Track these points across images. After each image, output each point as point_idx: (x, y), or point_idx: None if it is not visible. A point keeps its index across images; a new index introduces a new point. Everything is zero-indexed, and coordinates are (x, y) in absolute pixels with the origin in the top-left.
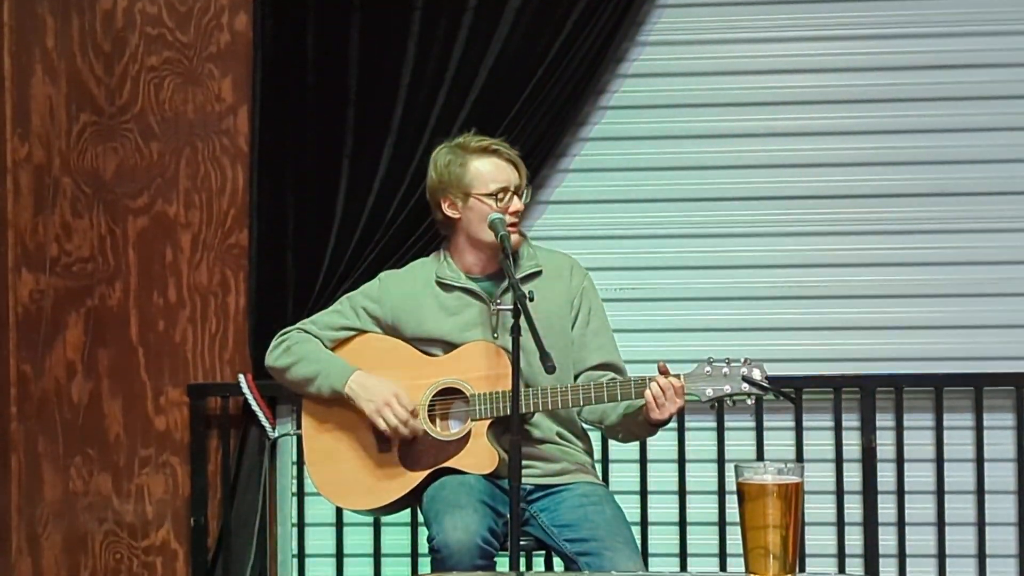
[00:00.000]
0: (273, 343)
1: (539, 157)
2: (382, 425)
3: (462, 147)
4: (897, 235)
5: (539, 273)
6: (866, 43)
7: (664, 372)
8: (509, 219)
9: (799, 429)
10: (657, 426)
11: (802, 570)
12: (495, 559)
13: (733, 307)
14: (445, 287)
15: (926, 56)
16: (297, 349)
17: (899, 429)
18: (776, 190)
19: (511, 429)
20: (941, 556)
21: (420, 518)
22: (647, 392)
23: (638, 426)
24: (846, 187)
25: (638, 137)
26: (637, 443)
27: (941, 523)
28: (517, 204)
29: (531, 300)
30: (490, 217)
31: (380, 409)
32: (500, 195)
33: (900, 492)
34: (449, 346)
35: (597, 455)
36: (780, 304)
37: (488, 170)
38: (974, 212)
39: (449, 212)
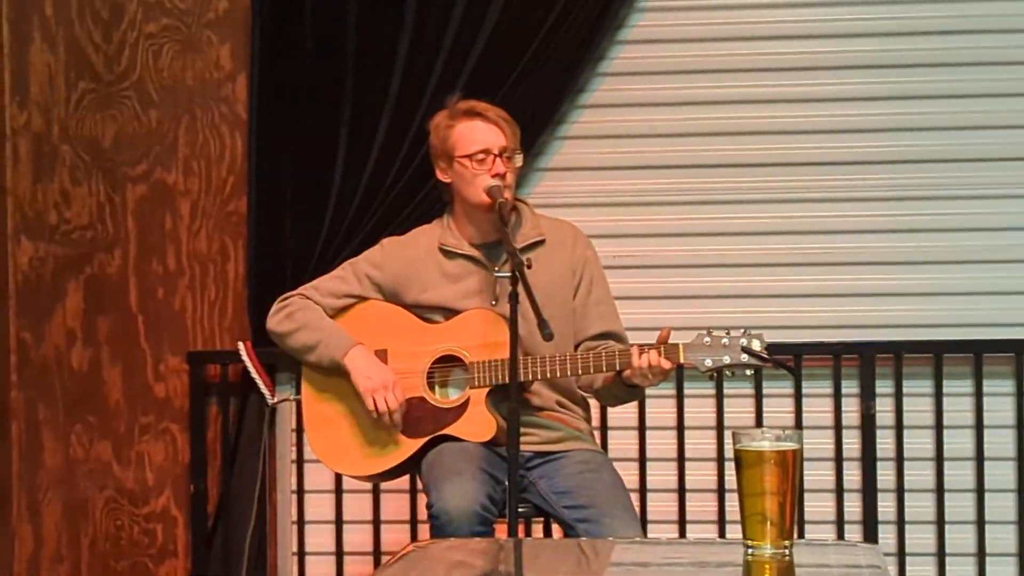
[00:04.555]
0: (275, 307)
1: (537, 124)
2: (370, 405)
3: (451, 112)
4: (897, 201)
5: (542, 242)
6: (868, 8)
7: (665, 339)
8: (492, 181)
9: (798, 396)
10: (636, 389)
11: (801, 536)
12: (494, 526)
13: (732, 274)
14: (447, 254)
15: (927, 22)
16: (299, 316)
17: (898, 396)
18: (775, 156)
19: (510, 397)
20: (940, 522)
21: (419, 485)
22: (635, 359)
23: (619, 388)
24: (847, 153)
25: (636, 104)
26: (636, 410)
27: (940, 489)
28: (499, 166)
29: (529, 268)
30: (488, 184)
31: (377, 389)
32: (481, 157)
33: (899, 459)
34: (450, 312)
35: (596, 422)
36: (779, 271)
37: (469, 133)
38: (975, 178)
39: (441, 177)
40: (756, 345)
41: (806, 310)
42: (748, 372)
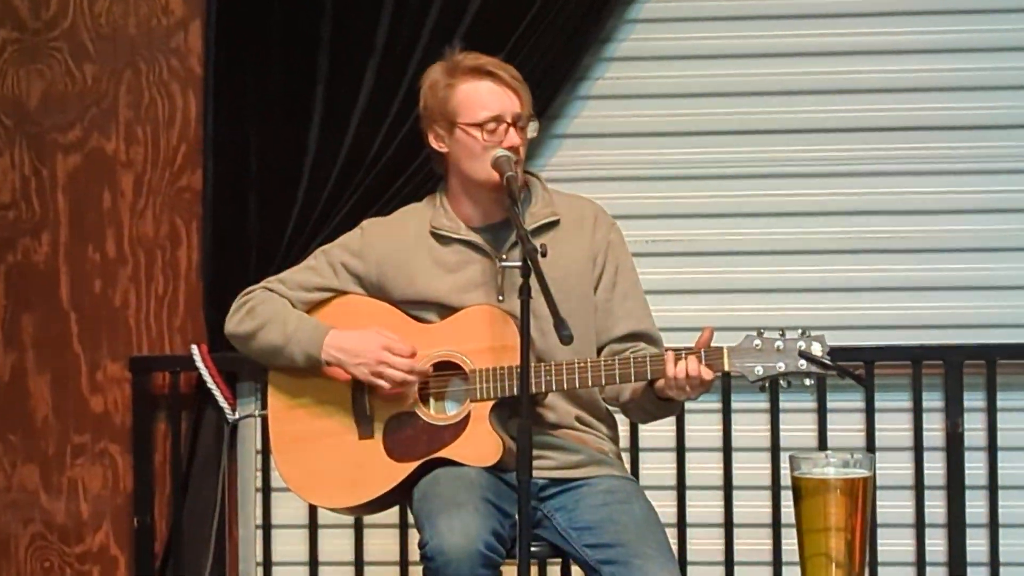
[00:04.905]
0: (234, 306)
1: (554, 81)
2: (386, 387)
3: (452, 67)
4: (989, 175)
5: (556, 223)
6: None
7: (706, 342)
8: (502, 152)
9: (870, 411)
10: (672, 403)
11: None
12: (501, 568)
13: (788, 263)
14: (441, 239)
15: None
16: (262, 310)
17: (991, 411)
18: (840, 121)
19: (520, 412)
20: None
21: (410, 519)
22: (670, 367)
23: (651, 401)
24: (927, 116)
25: (673, 56)
26: (674, 430)
27: None
28: (514, 138)
29: (544, 256)
30: (495, 154)
31: (377, 371)
32: (490, 126)
33: (992, 487)
34: (446, 310)
35: (624, 443)
36: (846, 259)
37: (476, 96)
38: None
39: (436, 146)
40: (817, 349)
41: (879, 306)
42: (808, 382)
